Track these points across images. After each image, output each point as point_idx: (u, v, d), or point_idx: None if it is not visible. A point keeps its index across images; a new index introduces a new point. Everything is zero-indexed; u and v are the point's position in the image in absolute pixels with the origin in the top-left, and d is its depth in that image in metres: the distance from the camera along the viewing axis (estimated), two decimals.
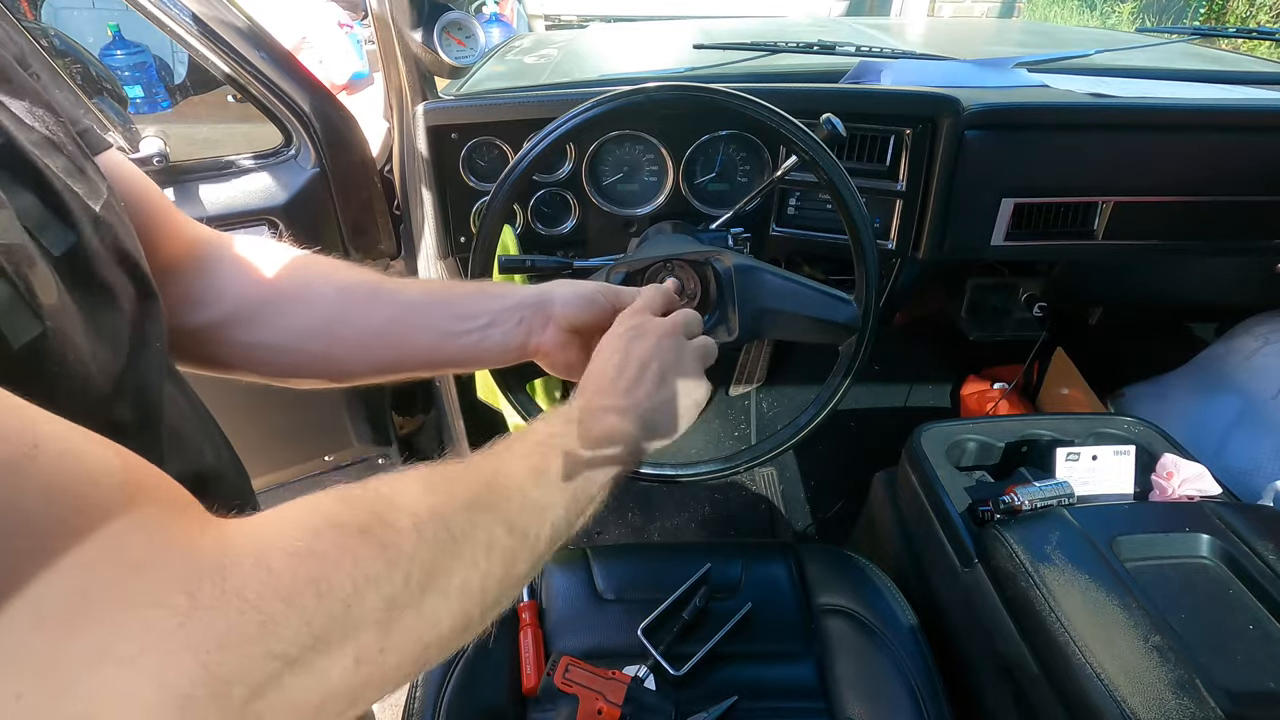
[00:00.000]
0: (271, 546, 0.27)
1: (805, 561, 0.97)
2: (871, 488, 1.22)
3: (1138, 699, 0.67)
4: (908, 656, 0.83)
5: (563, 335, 0.57)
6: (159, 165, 0.95)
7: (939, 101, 0.94)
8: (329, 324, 0.53)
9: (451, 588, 0.32)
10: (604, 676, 0.81)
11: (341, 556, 0.28)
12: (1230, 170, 1.02)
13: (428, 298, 0.56)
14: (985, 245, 1.03)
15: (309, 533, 0.29)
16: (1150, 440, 1.03)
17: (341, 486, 0.33)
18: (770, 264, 0.75)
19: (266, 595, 0.25)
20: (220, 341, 0.51)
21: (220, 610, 0.24)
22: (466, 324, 0.55)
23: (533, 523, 0.38)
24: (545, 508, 0.39)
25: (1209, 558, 0.83)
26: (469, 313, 0.56)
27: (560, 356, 0.57)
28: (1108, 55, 1.25)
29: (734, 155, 1.01)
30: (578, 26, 4.00)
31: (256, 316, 0.52)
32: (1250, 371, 1.28)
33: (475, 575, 0.34)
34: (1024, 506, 0.89)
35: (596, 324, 0.57)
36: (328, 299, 0.54)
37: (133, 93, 1.77)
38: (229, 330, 0.51)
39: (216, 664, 0.23)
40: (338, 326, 0.53)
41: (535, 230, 1.03)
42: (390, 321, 0.54)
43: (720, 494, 1.70)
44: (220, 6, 0.92)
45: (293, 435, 1.21)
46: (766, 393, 1.88)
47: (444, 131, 0.96)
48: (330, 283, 0.54)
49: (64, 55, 0.91)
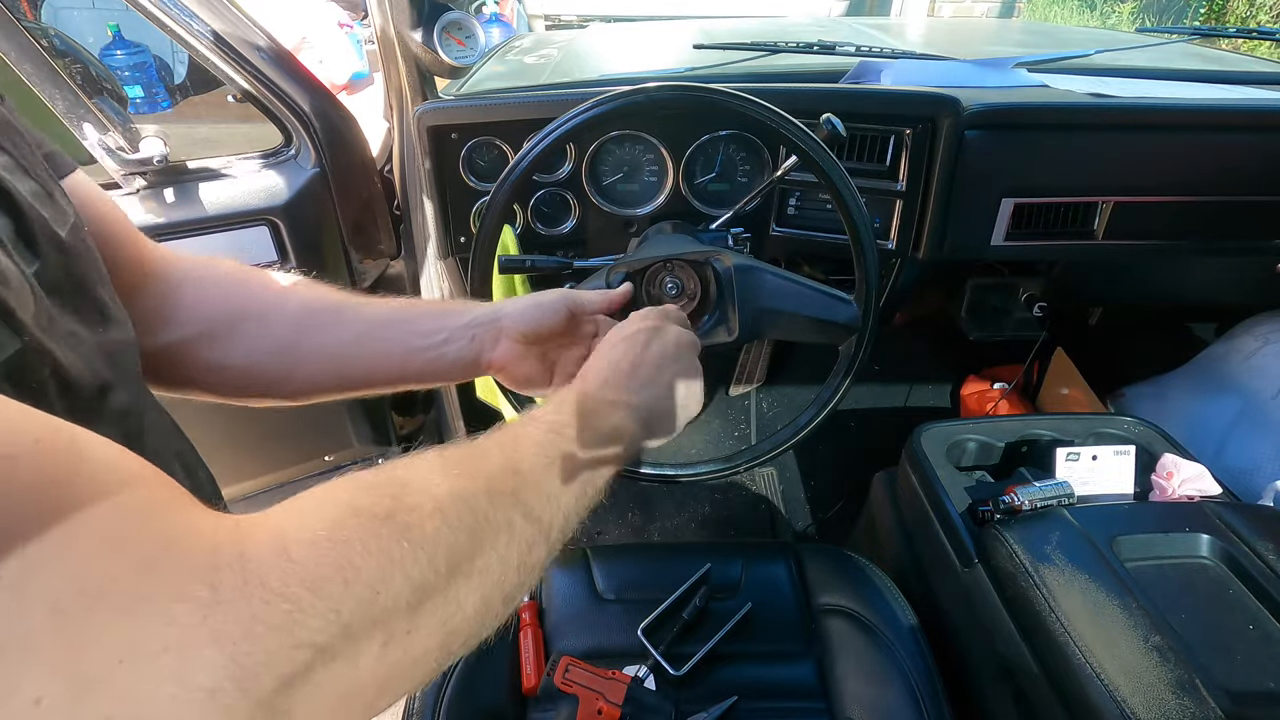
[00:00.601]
0: (291, 537, 0.26)
1: (805, 561, 0.97)
2: (871, 488, 1.22)
3: (1138, 699, 0.67)
4: (908, 656, 0.83)
5: (517, 348, 0.57)
6: (159, 165, 0.95)
7: (939, 101, 0.94)
8: (294, 343, 0.54)
9: (474, 570, 0.32)
10: (604, 676, 0.81)
11: (366, 542, 0.28)
12: (1230, 170, 1.02)
13: (390, 315, 0.57)
14: (985, 245, 1.03)
15: (329, 521, 0.28)
16: (1150, 440, 1.03)
17: (356, 473, 0.32)
18: (770, 264, 0.75)
19: (291, 584, 0.24)
20: (185, 362, 0.52)
21: (244, 601, 0.23)
22: (426, 340, 0.56)
23: (546, 510, 0.39)
24: (556, 496, 0.40)
25: (1209, 558, 0.83)
26: (428, 330, 0.56)
27: (517, 370, 0.58)
28: (1108, 55, 1.25)
29: (734, 155, 1.01)
30: (578, 26, 4.00)
31: (221, 336, 0.52)
32: (1250, 371, 1.28)
33: (496, 559, 0.34)
34: (1024, 506, 0.89)
35: (553, 332, 0.58)
36: (293, 318, 0.54)
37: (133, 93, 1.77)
38: (194, 350, 0.51)
39: (244, 655, 0.22)
40: (303, 345, 0.54)
41: (535, 230, 1.03)
42: (356, 339, 0.55)
43: (720, 494, 1.70)
44: (220, 6, 0.92)
45: (292, 435, 1.21)
46: (766, 393, 1.88)
47: (444, 131, 0.96)
48: (295, 301, 0.55)
49: (64, 55, 0.91)
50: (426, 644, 0.30)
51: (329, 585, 0.26)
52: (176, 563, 0.23)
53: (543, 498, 0.39)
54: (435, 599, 0.30)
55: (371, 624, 0.27)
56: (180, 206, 0.99)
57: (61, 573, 0.21)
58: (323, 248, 1.08)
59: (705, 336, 0.75)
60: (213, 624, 0.22)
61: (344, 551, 0.27)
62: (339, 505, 0.29)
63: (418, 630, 0.29)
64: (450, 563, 0.31)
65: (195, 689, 0.21)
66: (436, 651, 0.30)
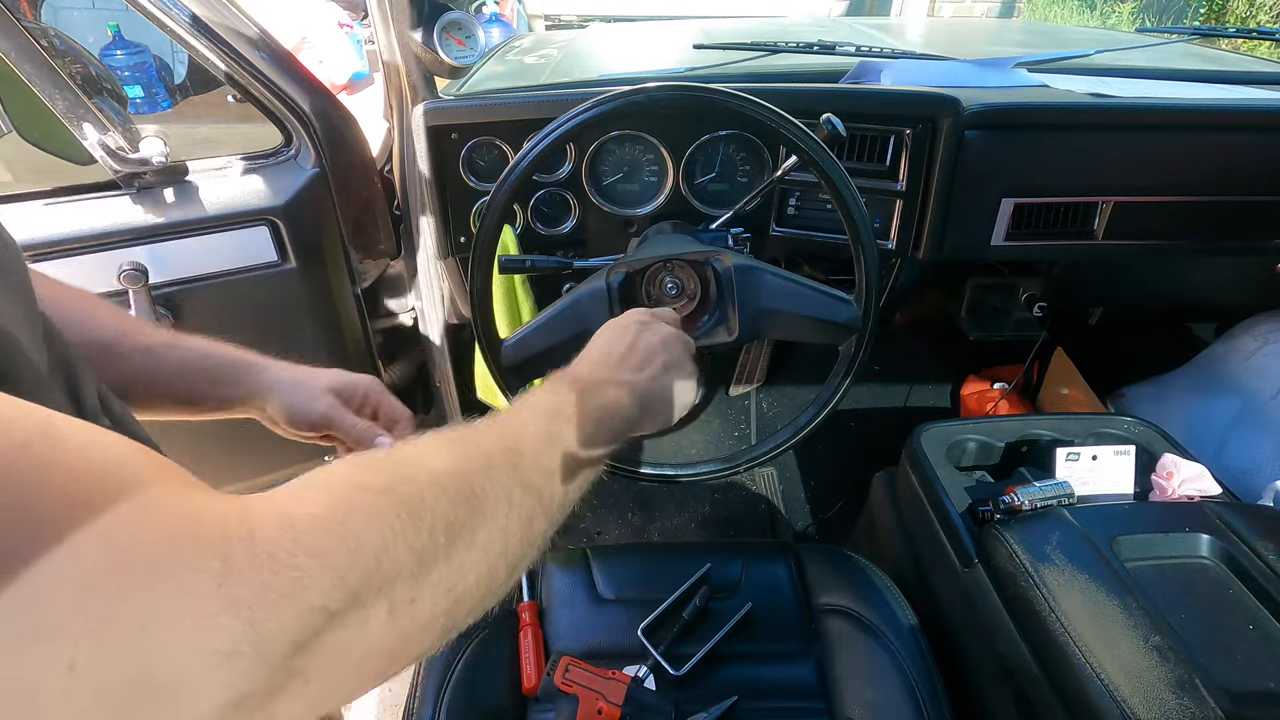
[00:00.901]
0: (295, 513, 0.28)
1: (805, 561, 0.97)
2: (871, 488, 1.22)
3: (1138, 699, 0.67)
4: (908, 656, 0.83)
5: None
6: (159, 165, 0.94)
7: (939, 101, 0.94)
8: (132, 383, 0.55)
9: (476, 541, 0.34)
10: (604, 676, 0.81)
11: (368, 514, 0.29)
12: (1230, 170, 1.02)
13: (201, 353, 0.59)
14: (985, 245, 1.03)
15: (331, 497, 0.30)
16: (1150, 440, 1.03)
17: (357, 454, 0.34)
18: (770, 264, 0.75)
19: (298, 554, 0.26)
20: None
21: (254, 571, 0.24)
22: (219, 390, 0.59)
23: (547, 484, 0.40)
24: (555, 471, 0.41)
25: (1209, 558, 0.83)
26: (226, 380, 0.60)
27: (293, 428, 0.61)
28: (1108, 55, 1.25)
29: (734, 155, 1.01)
30: (578, 26, 4.00)
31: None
32: (1250, 371, 1.28)
33: (497, 530, 0.35)
34: (1024, 506, 0.89)
35: (314, 423, 0.61)
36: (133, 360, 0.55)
37: (133, 93, 1.77)
38: None
39: (259, 620, 0.24)
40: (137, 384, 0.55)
41: (535, 230, 1.03)
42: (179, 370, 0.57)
43: (720, 494, 1.70)
44: (220, 6, 0.92)
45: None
46: (766, 393, 1.88)
47: (444, 131, 0.96)
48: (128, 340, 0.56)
49: (64, 55, 0.91)
50: (432, 610, 0.31)
51: (333, 555, 0.27)
52: (191, 539, 0.24)
53: (542, 472, 0.40)
54: (438, 568, 0.31)
55: (377, 590, 0.28)
56: (180, 207, 0.99)
57: (88, 551, 0.22)
58: (323, 248, 1.08)
59: (705, 336, 0.75)
60: (226, 592, 0.24)
61: (346, 523, 0.28)
62: (340, 482, 0.31)
63: (421, 598, 0.30)
64: (450, 534, 0.32)
65: (213, 652, 0.23)
66: (443, 618, 0.32)
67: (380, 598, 0.28)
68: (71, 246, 0.93)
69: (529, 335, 0.76)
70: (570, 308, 0.75)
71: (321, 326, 1.12)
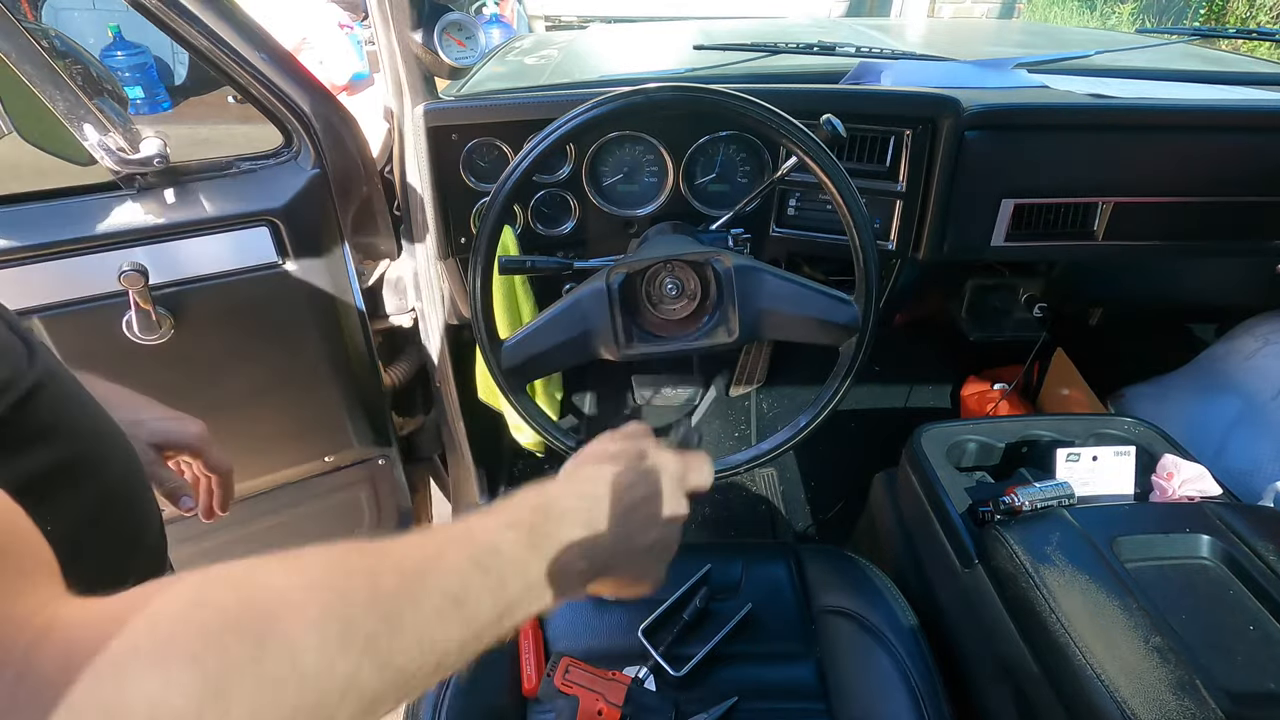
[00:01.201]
0: (83, 649, 0.23)
1: (805, 562, 0.97)
2: (871, 488, 1.22)
3: (1138, 699, 0.67)
4: (908, 657, 0.83)
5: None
6: (159, 166, 0.95)
7: (939, 102, 0.94)
8: None
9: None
10: (604, 677, 0.81)
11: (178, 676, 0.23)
12: (1230, 170, 1.02)
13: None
14: (985, 246, 1.03)
15: (160, 628, 0.24)
16: (1150, 441, 1.03)
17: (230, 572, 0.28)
18: (770, 265, 0.75)
19: (57, 706, 0.22)
20: None
21: (13, 712, 0.21)
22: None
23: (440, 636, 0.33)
24: (445, 638, 0.33)
25: (1209, 558, 0.83)
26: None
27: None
28: (1108, 56, 1.25)
29: (734, 156, 1.01)
30: (578, 27, 4.00)
31: None
32: (1250, 372, 1.28)
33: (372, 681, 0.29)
34: (1024, 507, 0.89)
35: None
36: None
37: (133, 93, 1.77)
38: None
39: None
40: None
41: (535, 231, 1.03)
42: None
43: (720, 494, 1.70)
44: (220, 7, 0.92)
45: (293, 436, 1.21)
46: (766, 393, 1.88)
47: (444, 132, 0.96)
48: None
49: (64, 56, 0.91)
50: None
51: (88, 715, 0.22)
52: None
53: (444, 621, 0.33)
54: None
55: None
56: (180, 207, 0.99)
57: None
58: (322, 248, 1.07)
59: (705, 337, 0.76)
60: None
61: (132, 675, 0.23)
62: (195, 618, 0.25)
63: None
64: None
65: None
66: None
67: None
68: (72, 247, 0.93)
69: (529, 336, 0.76)
70: (570, 308, 0.75)
71: (321, 327, 1.12)
